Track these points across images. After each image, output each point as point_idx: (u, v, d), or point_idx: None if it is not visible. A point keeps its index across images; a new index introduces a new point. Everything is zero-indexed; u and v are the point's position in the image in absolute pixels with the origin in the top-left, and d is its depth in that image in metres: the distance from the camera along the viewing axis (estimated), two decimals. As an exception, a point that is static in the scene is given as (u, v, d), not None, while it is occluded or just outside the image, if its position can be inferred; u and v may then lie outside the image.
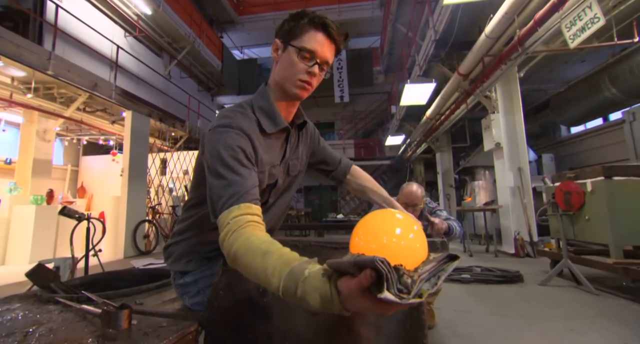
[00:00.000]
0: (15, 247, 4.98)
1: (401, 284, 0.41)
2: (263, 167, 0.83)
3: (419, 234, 0.51)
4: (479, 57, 4.52)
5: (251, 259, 0.59)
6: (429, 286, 0.43)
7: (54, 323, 0.74)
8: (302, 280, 0.50)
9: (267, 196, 0.91)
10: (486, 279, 3.31)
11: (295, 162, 0.97)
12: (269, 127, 0.85)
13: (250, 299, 0.77)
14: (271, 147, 0.87)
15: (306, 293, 0.49)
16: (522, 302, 2.62)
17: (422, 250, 0.49)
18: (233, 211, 0.67)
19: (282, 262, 0.56)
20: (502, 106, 5.25)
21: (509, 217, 5.10)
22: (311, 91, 0.87)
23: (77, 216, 2.11)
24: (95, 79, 5.30)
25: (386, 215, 0.54)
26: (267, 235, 0.66)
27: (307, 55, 0.81)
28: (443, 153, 9.35)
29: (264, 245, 0.60)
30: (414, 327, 0.71)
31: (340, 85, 11.13)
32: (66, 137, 7.36)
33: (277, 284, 0.54)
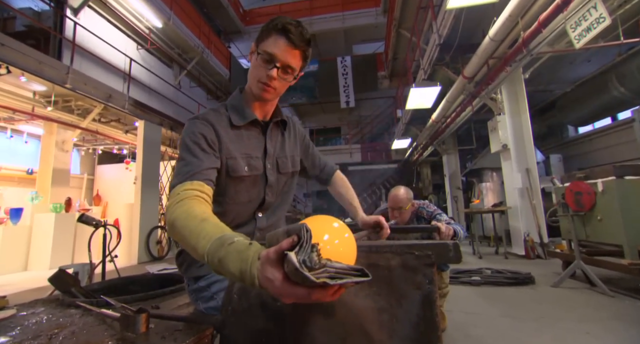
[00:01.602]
0: (36, 254, 5.10)
1: (309, 258, 0.43)
2: (232, 154, 0.88)
3: (345, 241, 0.54)
4: (483, 60, 4.49)
5: (188, 223, 0.63)
6: (328, 279, 0.44)
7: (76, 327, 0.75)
8: (229, 243, 0.53)
9: (263, 193, 0.94)
10: (497, 281, 3.24)
11: (285, 160, 1.00)
12: (237, 121, 0.92)
13: (264, 303, 0.76)
14: (241, 138, 0.92)
15: (228, 254, 0.52)
16: (534, 304, 2.56)
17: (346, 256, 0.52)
18: (185, 185, 0.74)
19: (218, 229, 0.60)
20: (508, 107, 5.20)
21: (518, 218, 5.01)
22: (275, 93, 0.90)
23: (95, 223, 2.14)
24: (109, 91, 5.42)
25: (320, 221, 0.58)
26: (210, 209, 0.71)
27: (267, 58, 0.84)
28: (450, 156, 9.27)
29: (205, 214, 0.65)
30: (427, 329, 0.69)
31: (345, 90, 11.16)
32: (82, 147, 7.51)
33: (204, 246, 0.56)
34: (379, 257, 0.73)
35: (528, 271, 3.41)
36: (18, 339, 0.68)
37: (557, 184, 3.69)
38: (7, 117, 5.57)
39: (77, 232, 5.42)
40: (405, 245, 0.73)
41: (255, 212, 0.95)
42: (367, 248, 0.75)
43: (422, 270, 0.71)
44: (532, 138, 5.08)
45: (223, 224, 0.63)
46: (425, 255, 0.72)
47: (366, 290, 0.72)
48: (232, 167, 0.87)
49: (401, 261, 0.72)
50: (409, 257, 0.72)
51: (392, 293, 0.71)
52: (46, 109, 5.23)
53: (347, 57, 11.35)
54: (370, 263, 0.73)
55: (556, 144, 8.64)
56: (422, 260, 0.72)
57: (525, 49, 3.77)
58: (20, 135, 6.29)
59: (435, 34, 5.21)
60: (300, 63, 0.88)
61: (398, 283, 0.71)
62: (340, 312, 0.70)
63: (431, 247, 0.73)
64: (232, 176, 0.88)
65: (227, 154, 0.87)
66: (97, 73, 5.89)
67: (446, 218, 1.95)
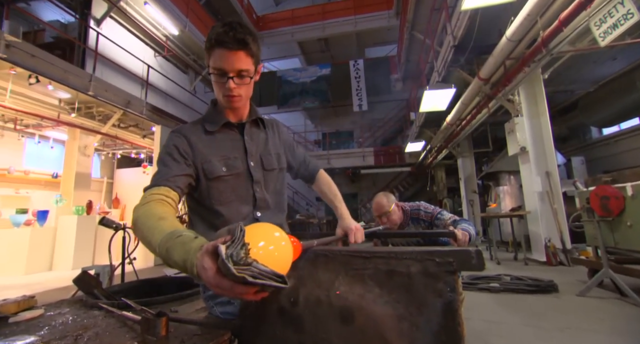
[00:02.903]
0: (60, 254, 5.31)
1: (236, 253, 0.48)
2: (206, 158, 0.92)
3: (281, 249, 0.59)
4: (500, 61, 4.39)
5: (147, 221, 0.70)
6: (250, 277, 0.48)
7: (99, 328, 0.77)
8: (176, 237, 0.61)
9: (252, 191, 0.96)
10: (517, 288, 3.13)
11: (269, 157, 1.02)
12: (210, 127, 0.97)
13: (282, 308, 0.76)
14: (215, 142, 0.96)
15: (174, 245, 0.59)
16: (559, 314, 2.45)
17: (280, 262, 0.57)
18: (153, 190, 0.81)
19: (172, 226, 0.67)
20: (526, 109, 5.06)
21: (538, 223, 4.85)
22: (243, 99, 0.94)
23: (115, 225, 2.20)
24: (128, 97, 5.60)
25: (262, 228, 0.62)
26: (173, 211, 0.78)
27: (218, 73, 0.87)
28: (465, 159, 9.11)
29: (164, 214, 0.72)
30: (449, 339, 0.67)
31: (358, 93, 11.14)
32: (102, 152, 7.77)
33: (157, 240, 0.63)
34: (398, 263, 0.71)
35: (550, 278, 3.29)
36: (46, 339, 0.70)
37: (581, 187, 3.56)
38: (35, 124, 5.84)
39: (97, 234, 5.59)
40: (425, 251, 0.71)
41: (254, 212, 0.96)
42: (386, 254, 0.73)
43: (443, 277, 0.69)
44: (552, 140, 4.93)
45: (180, 224, 0.70)
46: (446, 262, 0.69)
47: (385, 297, 0.70)
48: (208, 170, 0.91)
49: (421, 267, 0.70)
50: (430, 264, 0.70)
51: (412, 300, 0.69)
52: (70, 115, 5.45)
53: (360, 61, 11.34)
54: (389, 269, 0.71)
55: (578, 146, 8.35)
56: (444, 267, 0.69)
57: (544, 48, 3.66)
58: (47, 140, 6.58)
59: (450, 35, 5.14)
60: (250, 61, 0.89)
61: (418, 290, 0.69)
62: (359, 319, 0.69)
63: (453, 254, 0.70)
64: (210, 177, 0.92)
65: (202, 159, 0.92)
66: (117, 80, 6.10)
67: (449, 216, 1.88)
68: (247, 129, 1.01)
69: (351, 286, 0.72)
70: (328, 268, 0.77)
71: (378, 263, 0.73)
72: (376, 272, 0.72)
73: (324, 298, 0.73)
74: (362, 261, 0.74)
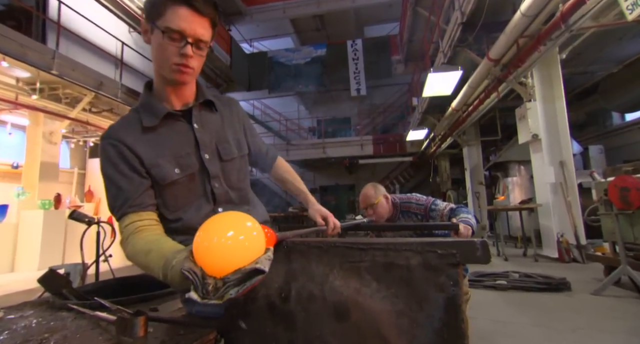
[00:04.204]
0: (24, 254, 5.21)
1: (204, 289, 0.56)
2: (153, 162, 0.85)
3: (252, 239, 0.61)
4: (512, 39, 4.37)
5: (139, 260, 0.77)
6: (235, 291, 0.56)
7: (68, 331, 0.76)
8: (170, 268, 0.68)
9: (210, 187, 0.91)
10: (526, 286, 3.21)
11: (227, 145, 0.96)
12: (149, 121, 0.87)
13: (272, 304, 0.76)
14: (159, 139, 0.88)
15: (173, 278, 0.67)
16: (572, 313, 2.51)
17: (249, 253, 0.59)
18: (123, 221, 0.82)
19: (160, 257, 0.72)
20: (539, 92, 5.09)
21: (549, 217, 4.93)
22: (194, 73, 0.87)
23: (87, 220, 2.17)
24: (100, 78, 5.48)
25: (225, 218, 0.64)
26: (154, 234, 0.81)
27: (175, 35, 0.79)
28: (471, 147, 9.18)
29: (147, 246, 0.76)
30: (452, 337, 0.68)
31: (356, 77, 11.08)
32: (72, 140, 7.64)
33: (161, 275, 0.71)
34: (397, 255, 0.72)
35: (562, 275, 3.36)
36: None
37: (598, 178, 3.61)
38: (-12, 106, 5.65)
39: (67, 230, 5.53)
40: (426, 243, 0.71)
41: (214, 209, 0.93)
42: (384, 245, 0.73)
43: (445, 271, 0.69)
44: (567, 127, 4.98)
45: (165, 246, 0.75)
46: (449, 254, 0.70)
47: (383, 291, 0.71)
48: (157, 176, 0.84)
49: (422, 260, 0.70)
50: (431, 256, 0.70)
51: (412, 295, 0.69)
52: (31, 97, 5.31)
53: (358, 40, 11.23)
54: (388, 261, 0.72)
55: (597, 134, 8.40)
56: (446, 259, 0.70)
57: (563, 24, 3.61)
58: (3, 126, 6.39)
59: (458, 11, 5.10)
60: (211, 33, 0.85)
61: (418, 285, 0.70)
62: (355, 315, 0.70)
63: (456, 245, 0.70)
64: (163, 183, 0.85)
65: (148, 164, 0.84)
66: (86, 58, 5.96)
67: (444, 205, 1.89)
68: (196, 115, 0.93)
69: (347, 280, 0.73)
70: (322, 260, 0.77)
71: (376, 255, 0.73)
72: (373, 265, 0.73)
73: (318, 292, 0.74)
74: (359, 253, 0.75)
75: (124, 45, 6.67)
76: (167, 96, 0.90)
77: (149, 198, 0.84)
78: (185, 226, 0.88)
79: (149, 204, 0.84)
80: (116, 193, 0.82)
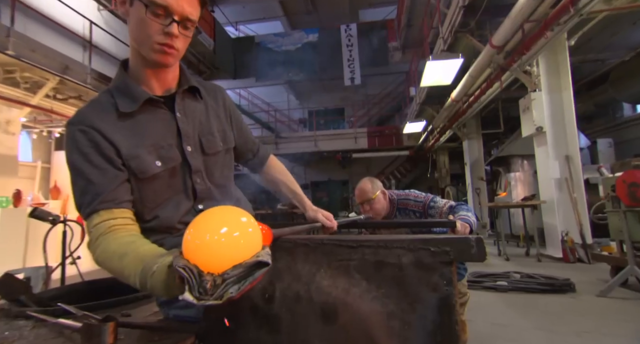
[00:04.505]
0: (-23, 257, 5.08)
1: (202, 287, 0.52)
2: (132, 153, 0.82)
3: (247, 236, 0.60)
4: (517, 24, 4.40)
5: (110, 264, 0.72)
6: (236, 289, 0.54)
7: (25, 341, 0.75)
8: (150, 275, 0.63)
9: (191, 183, 0.90)
10: (527, 287, 3.28)
11: (211, 138, 0.95)
12: (127, 106, 0.84)
13: (255, 306, 0.77)
14: (139, 127, 0.85)
15: (154, 286, 0.63)
16: (576, 316, 2.57)
17: (245, 250, 0.58)
18: (93, 219, 0.77)
19: (138, 261, 0.68)
20: (545, 82, 5.16)
21: (554, 214, 5.04)
22: (178, 55, 0.84)
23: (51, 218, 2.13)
24: (65, 61, 5.34)
25: (218, 213, 0.63)
26: (130, 235, 0.76)
27: (159, 11, 0.77)
28: (471, 141, 9.31)
29: (122, 248, 0.72)
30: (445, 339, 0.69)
31: (350, 65, 11.06)
32: (34, 130, 7.46)
33: (134, 282, 0.67)
34: (388, 253, 0.73)
35: (566, 276, 3.44)
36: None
37: (606, 173, 3.69)
38: None
39: (29, 230, 5.42)
40: (419, 240, 0.72)
41: (195, 206, 0.92)
42: (375, 243, 0.74)
43: (439, 269, 0.71)
44: (574, 119, 5.05)
45: (143, 249, 0.71)
46: (442, 251, 0.71)
47: (373, 292, 0.72)
48: (137, 168, 0.82)
49: (414, 258, 0.72)
50: (424, 253, 0.71)
51: (404, 295, 0.71)
52: (-19, 81, 5.14)
53: (353, 25, 11.19)
54: (378, 259, 0.73)
55: (606, 126, 8.51)
56: (439, 257, 0.71)
57: (573, 7, 3.64)
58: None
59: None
60: (199, 12, 0.84)
61: (410, 284, 0.71)
62: (344, 317, 0.71)
63: (450, 242, 0.72)
64: (142, 177, 0.82)
65: (125, 155, 0.81)
66: (48, 38, 5.77)
67: (444, 202, 1.93)
68: (179, 103, 0.90)
69: (335, 280, 0.74)
70: (308, 259, 0.78)
71: (365, 253, 0.74)
72: (363, 263, 0.74)
73: (304, 293, 0.74)
74: (348, 251, 0.75)
75: (93, 24, 6.51)
76: (147, 79, 0.87)
77: (124, 193, 0.80)
78: (162, 225, 0.87)
79: (125, 200, 0.80)
80: (85, 187, 0.77)
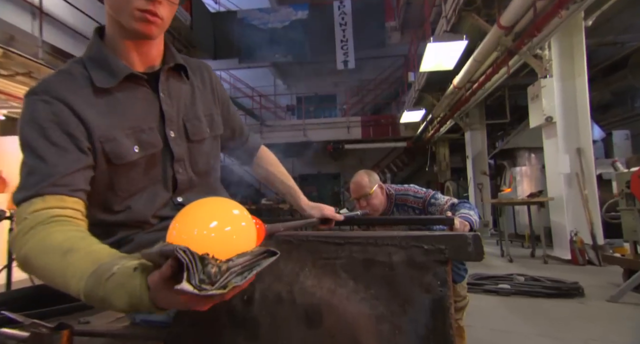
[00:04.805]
0: None
1: (205, 274, 0.47)
2: (107, 134, 0.78)
3: (240, 231, 0.58)
4: (529, 2, 4.38)
5: (47, 260, 0.61)
6: (239, 279, 0.49)
7: (-43, 356, 0.73)
8: (107, 277, 0.53)
9: (172, 172, 0.89)
10: (532, 290, 3.34)
11: (197, 123, 0.93)
12: (104, 81, 0.80)
13: (232, 309, 0.77)
14: (117, 106, 0.81)
15: (111, 292, 0.52)
16: (583, 322, 2.62)
17: (241, 246, 0.56)
18: (35, 203, 0.67)
19: (90, 260, 0.57)
20: (557, 67, 5.16)
21: (562, 212, 5.11)
22: (163, 26, 0.82)
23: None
24: (10, 30, 5.13)
25: (207, 205, 0.61)
26: (80, 231, 0.67)
27: None
28: (474, 132, 9.38)
29: (68, 242, 0.62)
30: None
31: (343, 47, 11.00)
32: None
33: (77, 287, 0.55)
34: (377, 251, 0.74)
35: (575, 279, 3.49)
36: None
37: (621, 168, 3.72)
38: None
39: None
40: (411, 236, 0.74)
41: (173, 198, 0.90)
42: (363, 240, 0.75)
43: (432, 268, 0.72)
44: (588, 108, 5.06)
45: (99, 248, 0.62)
46: (436, 249, 0.73)
47: (361, 293, 0.73)
48: (112, 153, 0.78)
49: (406, 256, 0.73)
50: (416, 251, 0.73)
51: (394, 296, 0.72)
52: None
53: (347, 1, 11.11)
54: (367, 258, 0.74)
55: (623, 117, 8.50)
56: (433, 256, 0.73)
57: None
58: None
59: (465, -33, 5.11)
60: None
61: (401, 285, 0.72)
62: (329, 320, 0.71)
63: (444, 239, 0.73)
64: (117, 163, 0.79)
65: (100, 136, 0.77)
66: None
67: (446, 199, 1.96)
68: (163, 82, 0.87)
69: (320, 280, 0.75)
70: (291, 257, 0.78)
71: (353, 251, 0.75)
72: (351, 262, 0.75)
73: (286, 294, 0.74)
74: (334, 248, 0.77)
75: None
76: (126, 53, 0.83)
77: (82, 181, 0.74)
78: (134, 218, 0.84)
79: (80, 188, 0.73)
80: (34, 166, 0.70)
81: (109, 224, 0.82)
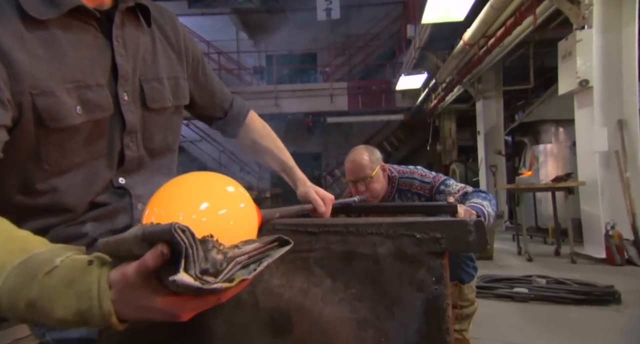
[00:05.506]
0: None
1: (208, 261, 0.43)
2: (41, 85, 0.72)
3: (238, 214, 0.57)
4: None
5: None
6: (245, 272, 0.46)
7: None
8: (48, 271, 0.46)
9: (120, 145, 0.86)
10: (555, 296, 3.41)
11: (158, 85, 0.91)
12: (41, 10, 0.72)
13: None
14: (56, 48, 0.75)
15: (52, 292, 0.45)
16: (619, 335, 2.69)
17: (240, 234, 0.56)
18: None
19: (14, 247, 0.51)
20: (599, 15, 4.98)
21: (596, 201, 5.13)
22: None
23: None
24: None
25: (192, 180, 0.60)
26: None
27: None
28: (488, 101, 9.41)
29: None
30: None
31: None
32: None
33: None
34: (360, 241, 0.75)
35: (610, 283, 3.55)
36: None
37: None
38: None
39: None
40: (400, 223, 0.75)
41: (116, 178, 0.87)
42: (343, 227, 0.77)
43: (426, 262, 0.74)
44: (637, 69, 4.91)
45: (22, 233, 0.56)
46: (431, 239, 0.74)
47: (340, 293, 0.75)
48: (47, 111, 0.73)
49: (394, 247, 0.75)
50: (407, 241, 0.74)
51: (380, 297, 0.74)
52: None
53: None
54: (347, 250, 0.76)
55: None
56: (427, 246, 0.74)
57: None
58: None
59: None
60: None
61: (388, 282, 0.74)
62: (300, 327, 0.74)
63: (440, 226, 0.74)
64: (52, 126, 0.74)
65: (31, 86, 0.71)
66: None
67: (459, 187, 2.01)
68: (118, 27, 0.84)
69: (289, 277, 0.76)
70: (255, 250, 0.80)
71: (330, 242, 0.76)
72: (327, 255, 0.76)
73: (247, 297, 0.76)
74: (307, 238, 0.78)
75: None
76: None
77: None
78: (58, 203, 0.80)
79: None
80: None
81: (24, 209, 0.78)
